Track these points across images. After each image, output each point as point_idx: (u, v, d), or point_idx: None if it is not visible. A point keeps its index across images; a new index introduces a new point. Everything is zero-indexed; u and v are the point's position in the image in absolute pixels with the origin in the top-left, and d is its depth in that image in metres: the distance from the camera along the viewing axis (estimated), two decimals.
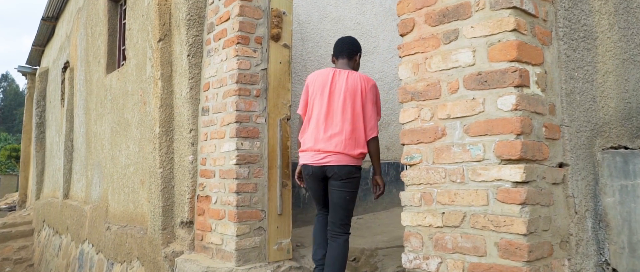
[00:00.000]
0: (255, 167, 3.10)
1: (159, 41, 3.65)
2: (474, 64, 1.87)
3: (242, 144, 3.05)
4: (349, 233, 2.67)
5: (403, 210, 2.09)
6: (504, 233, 1.72)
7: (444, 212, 1.92)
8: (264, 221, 3.10)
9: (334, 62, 2.86)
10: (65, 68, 7.53)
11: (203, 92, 3.45)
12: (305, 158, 2.73)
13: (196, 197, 3.40)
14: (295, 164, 3.99)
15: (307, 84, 2.82)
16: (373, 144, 2.68)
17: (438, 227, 1.93)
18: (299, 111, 2.87)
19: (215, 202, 3.18)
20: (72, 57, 7.03)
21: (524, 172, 1.69)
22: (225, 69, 3.18)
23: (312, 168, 2.69)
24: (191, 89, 3.45)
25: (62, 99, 7.57)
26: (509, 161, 1.74)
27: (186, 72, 3.46)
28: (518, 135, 1.72)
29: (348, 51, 2.79)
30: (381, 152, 3.40)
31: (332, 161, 2.59)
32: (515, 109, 1.73)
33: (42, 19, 8.57)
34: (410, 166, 2.07)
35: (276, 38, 3.25)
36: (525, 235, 1.67)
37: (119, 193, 4.67)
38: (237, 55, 3.07)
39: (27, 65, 10.80)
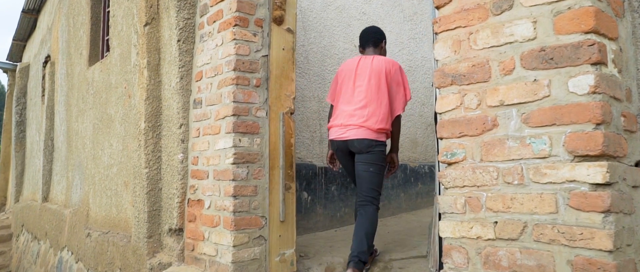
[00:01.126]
0: (255, 167, 2.71)
1: (145, 25, 3.25)
2: (535, 38, 1.51)
3: (239, 140, 2.66)
4: (377, 205, 2.69)
5: (441, 218, 1.72)
6: (580, 249, 1.36)
7: (496, 222, 1.55)
8: (264, 229, 2.72)
9: (361, 52, 2.97)
10: (46, 62, 7.07)
11: (195, 82, 3.06)
12: (332, 134, 2.81)
13: (187, 201, 3.00)
14: (298, 165, 3.66)
15: (337, 73, 2.92)
16: (396, 122, 2.76)
17: (489, 240, 1.56)
18: (328, 99, 2.96)
19: (209, 206, 2.79)
20: (53, 50, 6.58)
21: (607, 172, 1.33)
22: (220, 55, 2.79)
23: (337, 143, 2.78)
24: (181, 78, 3.06)
25: (43, 95, 7.10)
26: (586, 157, 1.38)
27: (176, 59, 3.07)
28: (597, 124, 1.36)
29: (373, 40, 2.91)
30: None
31: (351, 134, 2.67)
32: (593, 92, 1.37)
33: (23, 11, 8.09)
34: (451, 164, 1.70)
35: (279, 21, 2.87)
36: (610, 251, 1.31)
37: (100, 196, 4.25)
38: (234, 39, 2.69)
39: (7, 62, 10.28)
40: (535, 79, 1.49)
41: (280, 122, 2.83)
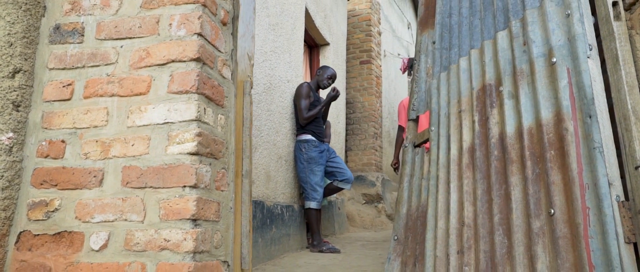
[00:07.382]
0: (218, 169, 1.41)
1: None
2: None
3: (205, 111, 1.35)
4: None
5: None
6: None
7: None
8: None
9: None
10: None
11: None
12: None
13: (15, 236, 1.34)
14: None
15: (402, 101, 3.67)
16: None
17: None
18: (401, 122, 3.58)
19: (105, 246, 1.27)
20: None
21: None
22: None
23: None
24: None
25: None
26: None
27: None
28: None
29: None
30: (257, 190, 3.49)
31: None
32: None
33: None
34: None
35: None
36: None
37: None
38: None
39: None
40: None
41: (245, 96, 1.63)
